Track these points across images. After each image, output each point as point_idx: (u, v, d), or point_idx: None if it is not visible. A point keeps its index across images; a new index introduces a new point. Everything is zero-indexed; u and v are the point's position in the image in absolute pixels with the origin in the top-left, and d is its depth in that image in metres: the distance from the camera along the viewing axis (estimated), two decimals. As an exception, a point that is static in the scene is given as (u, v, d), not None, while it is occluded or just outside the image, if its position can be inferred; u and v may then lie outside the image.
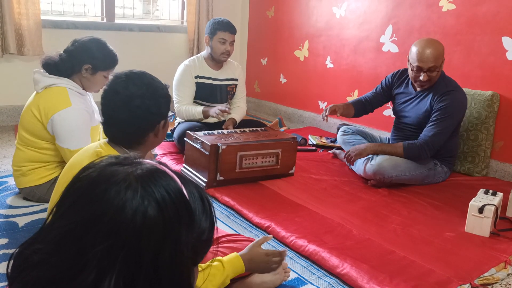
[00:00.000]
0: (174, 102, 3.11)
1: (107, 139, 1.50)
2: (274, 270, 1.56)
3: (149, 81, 1.46)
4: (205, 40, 3.12)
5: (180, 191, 0.67)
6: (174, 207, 0.65)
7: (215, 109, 2.90)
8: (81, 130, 2.14)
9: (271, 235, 1.66)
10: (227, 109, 2.87)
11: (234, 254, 1.47)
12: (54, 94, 2.15)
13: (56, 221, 0.65)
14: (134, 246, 0.61)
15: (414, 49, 2.59)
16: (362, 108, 3.01)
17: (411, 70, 2.63)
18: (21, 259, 0.64)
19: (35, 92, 2.21)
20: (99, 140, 2.36)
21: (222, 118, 2.97)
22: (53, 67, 2.19)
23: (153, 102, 1.44)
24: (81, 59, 2.19)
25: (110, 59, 2.25)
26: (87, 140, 2.15)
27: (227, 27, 3.04)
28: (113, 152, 1.41)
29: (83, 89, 2.26)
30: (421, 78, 2.58)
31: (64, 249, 0.61)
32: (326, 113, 2.83)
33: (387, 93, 2.96)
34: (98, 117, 2.34)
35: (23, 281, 0.62)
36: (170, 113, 1.58)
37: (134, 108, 1.41)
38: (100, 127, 2.43)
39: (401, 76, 2.90)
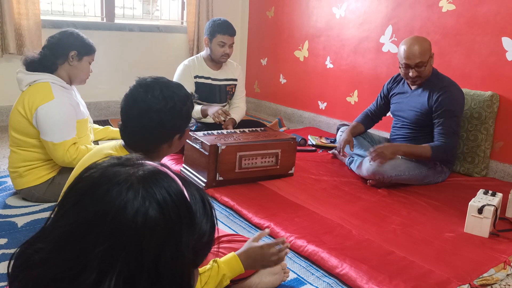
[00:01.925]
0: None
1: (122, 142, 1.49)
2: (276, 263, 1.47)
3: (170, 95, 1.41)
4: (204, 42, 3.11)
5: (181, 193, 0.67)
6: (175, 209, 0.65)
7: (214, 111, 2.87)
8: (64, 123, 2.16)
9: (268, 230, 1.58)
10: (225, 114, 2.82)
11: (232, 254, 1.44)
12: (37, 89, 2.16)
13: (58, 221, 0.65)
14: (135, 246, 0.61)
15: (401, 48, 2.65)
16: (370, 122, 3.08)
17: (400, 68, 2.70)
18: (22, 259, 0.64)
19: (21, 92, 2.23)
20: (89, 132, 2.38)
21: (219, 121, 2.92)
22: (37, 64, 2.21)
23: (170, 118, 1.40)
24: (65, 47, 2.23)
25: (90, 44, 2.31)
26: (71, 133, 2.18)
27: (226, 30, 3.02)
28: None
29: (69, 83, 2.29)
30: (410, 74, 2.64)
31: (66, 249, 0.61)
32: (342, 152, 2.87)
33: (387, 101, 3.02)
34: (84, 111, 2.37)
35: (24, 281, 0.62)
36: (192, 122, 1.55)
37: (149, 121, 1.39)
38: (90, 121, 2.45)
39: (395, 80, 2.97)
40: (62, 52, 2.22)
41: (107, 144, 1.51)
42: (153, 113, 1.38)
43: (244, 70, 5.03)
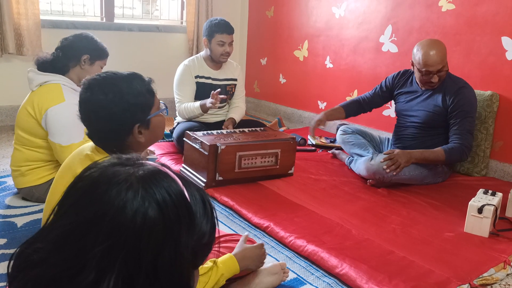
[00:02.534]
0: (176, 101, 3.10)
1: None
2: (262, 263, 1.59)
3: (110, 88, 1.33)
4: (203, 43, 3.11)
5: (181, 193, 0.67)
6: (175, 209, 0.65)
7: (209, 99, 2.83)
8: (73, 126, 2.14)
9: (246, 233, 1.66)
10: (219, 97, 2.80)
11: (228, 254, 1.48)
12: (48, 90, 2.16)
13: (57, 221, 0.65)
14: (134, 247, 0.61)
15: (418, 54, 2.58)
16: (358, 108, 3.03)
17: (420, 74, 2.63)
18: (21, 258, 0.64)
19: (30, 91, 2.22)
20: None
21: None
22: (48, 65, 2.21)
23: (116, 110, 1.32)
24: (78, 51, 2.23)
25: (103, 49, 2.33)
26: (79, 136, 2.17)
27: (224, 28, 3.02)
28: (104, 154, 1.37)
29: (79, 85, 2.27)
30: (433, 80, 2.59)
31: (64, 248, 0.61)
32: (312, 133, 2.90)
33: (387, 94, 2.97)
34: None
35: (23, 280, 0.62)
36: (162, 106, 1.46)
37: (98, 119, 1.34)
38: None
39: (403, 76, 2.91)
40: (75, 55, 2.23)
41: (86, 145, 1.47)
42: (98, 111, 1.32)
43: (244, 70, 5.03)
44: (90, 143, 1.46)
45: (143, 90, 1.38)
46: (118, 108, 1.32)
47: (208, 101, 2.85)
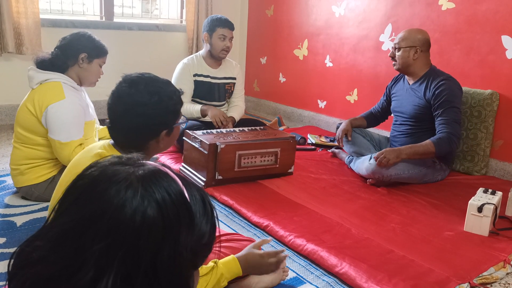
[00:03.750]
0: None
1: (111, 141, 1.48)
2: (273, 271, 1.52)
3: (155, 89, 1.40)
4: (203, 38, 3.11)
5: (181, 193, 0.67)
6: (174, 208, 0.65)
7: (215, 114, 2.90)
8: (73, 124, 2.16)
9: (270, 238, 1.64)
10: (226, 120, 2.90)
11: (231, 256, 1.45)
12: (49, 88, 2.17)
13: (57, 219, 0.65)
14: (133, 245, 0.60)
15: None
16: (374, 120, 3.12)
17: None
18: (21, 257, 0.64)
19: (30, 89, 2.22)
20: (94, 135, 2.38)
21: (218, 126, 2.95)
22: (48, 63, 2.22)
23: (156, 112, 1.39)
24: (76, 49, 2.23)
25: (101, 47, 2.32)
26: (78, 134, 2.18)
27: (226, 23, 3.05)
28: (116, 154, 1.38)
29: (79, 84, 2.30)
30: (389, 53, 2.81)
31: (63, 246, 0.61)
32: (341, 142, 2.93)
33: (389, 102, 3.04)
34: (93, 113, 2.38)
35: (22, 279, 0.62)
36: (184, 119, 1.55)
37: (134, 116, 1.38)
38: (97, 123, 2.47)
39: (396, 79, 2.98)
40: (72, 54, 2.23)
41: (97, 143, 1.50)
42: (137, 108, 1.37)
43: (244, 68, 5.03)
44: (100, 142, 1.48)
45: (179, 100, 1.47)
46: (158, 111, 1.40)
47: (210, 114, 2.91)
